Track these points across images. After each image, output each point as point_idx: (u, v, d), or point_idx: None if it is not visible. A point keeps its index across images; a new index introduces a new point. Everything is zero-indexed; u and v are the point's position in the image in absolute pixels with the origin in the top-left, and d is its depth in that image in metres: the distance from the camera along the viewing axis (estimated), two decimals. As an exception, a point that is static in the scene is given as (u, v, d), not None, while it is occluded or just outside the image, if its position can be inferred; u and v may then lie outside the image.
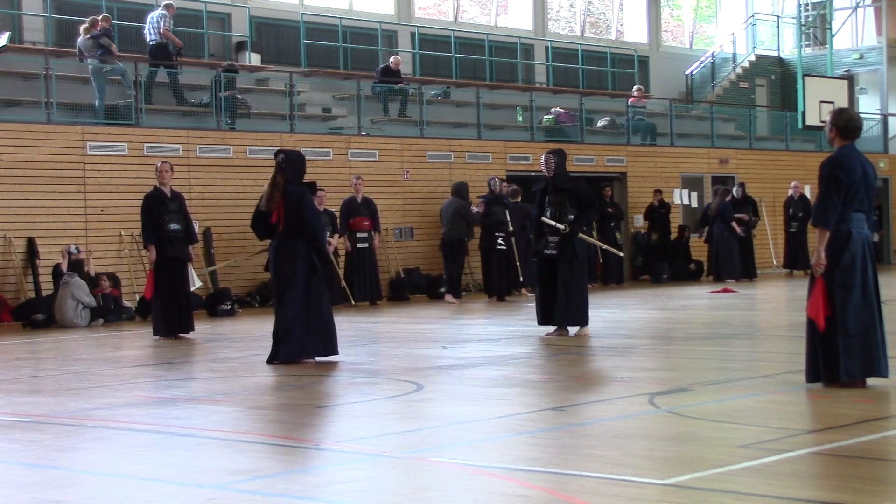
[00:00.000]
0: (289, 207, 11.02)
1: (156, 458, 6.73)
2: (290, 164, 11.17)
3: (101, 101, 19.07)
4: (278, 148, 11.59)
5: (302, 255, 11.00)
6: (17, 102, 18.78)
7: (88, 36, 19.51)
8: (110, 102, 19.32)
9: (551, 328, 13.22)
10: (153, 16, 20.80)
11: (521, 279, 21.18)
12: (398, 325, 16.10)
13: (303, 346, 11.08)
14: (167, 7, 20.87)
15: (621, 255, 19.60)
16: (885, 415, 7.80)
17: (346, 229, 19.77)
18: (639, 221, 25.75)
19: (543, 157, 13.26)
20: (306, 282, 10.98)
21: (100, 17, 19.87)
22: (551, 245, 12.96)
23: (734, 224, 24.18)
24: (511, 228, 20.42)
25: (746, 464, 6.02)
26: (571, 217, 12.94)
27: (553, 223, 12.93)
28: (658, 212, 25.24)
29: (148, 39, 20.76)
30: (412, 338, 14.10)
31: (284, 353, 11.09)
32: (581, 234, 13.12)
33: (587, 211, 13.21)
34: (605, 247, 17.67)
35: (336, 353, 11.27)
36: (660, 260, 24.99)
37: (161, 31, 20.51)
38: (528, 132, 25.17)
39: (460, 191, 20.82)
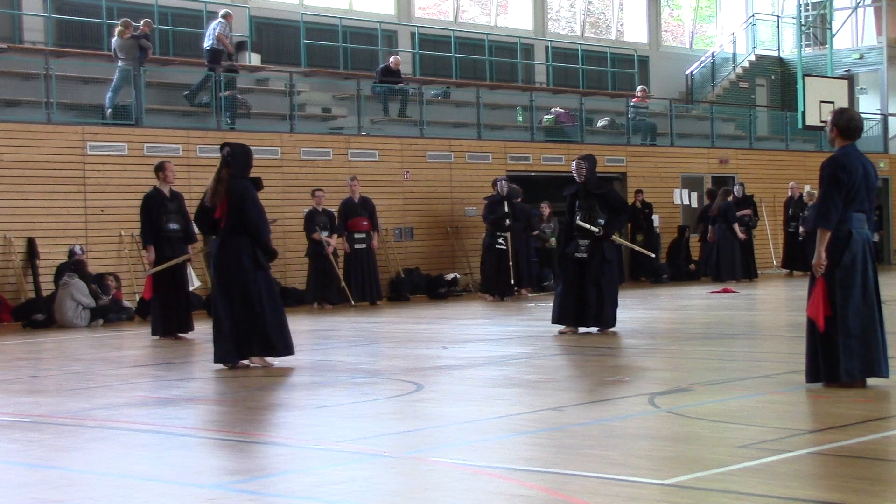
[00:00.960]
0: (232, 203, 10.69)
1: (156, 458, 6.72)
2: (235, 158, 10.82)
3: (112, 100, 19.24)
4: (223, 142, 11.17)
5: (246, 251, 10.73)
6: (17, 102, 18.79)
7: (129, 36, 19.76)
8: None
9: (563, 326, 13.41)
10: (212, 24, 21.51)
11: (521, 279, 21.22)
12: (398, 326, 16.10)
13: (231, 347, 10.74)
14: (226, 16, 21.57)
15: (653, 255, 19.87)
16: (885, 415, 7.80)
17: (343, 230, 19.76)
18: (654, 221, 25.72)
19: (574, 162, 13.49)
20: (249, 280, 10.73)
21: (142, 22, 20.31)
22: (581, 248, 13.26)
23: (736, 226, 24.18)
24: (509, 225, 20.30)
25: (746, 464, 6.02)
26: (601, 221, 13.24)
27: (587, 226, 13.22)
28: (642, 213, 25.18)
29: (205, 44, 21.32)
30: (412, 338, 14.10)
31: (218, 353, 10.85)
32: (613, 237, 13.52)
33: (619, 214, 13.56)
34: (637, 248, 17.86)
35: (284, 353, 10.91)
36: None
37: (216, 35, 21.07)
38: (528, 132, 25.17)
39: (513, 193, 21.33)
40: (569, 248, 13.40)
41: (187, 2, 22.84)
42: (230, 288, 10.77)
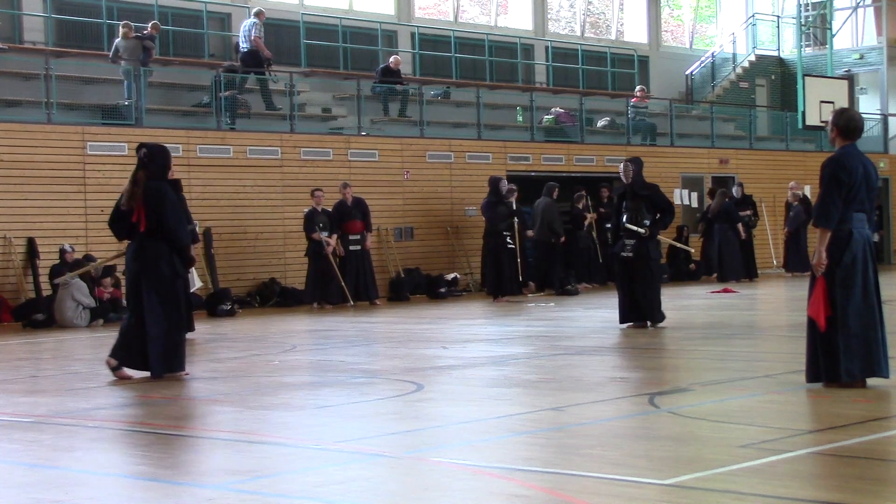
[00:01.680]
0: (149, 206, 10.16)
1: (156, 458, 6.72)
2: (152, 160, 10.29)
3: (131, 98, 19.44)
4: (139, 143, 10.59)
5: (164, 257, 10.19)
6: (17, 102, 18.79)
7: (133, 36, 19.83)
8: (110, 103, 19.34)
9: (628, 323, 13.96)
10: (246, 24, 21.61)
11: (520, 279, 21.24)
12: (398, 326, 16.10)
13: (140, 357, 10.19)
14: (258, 14, 21.68)
15: (692, 250, 20.26)
16: (885, 415, 7.80)
17: (338, 231, 19.70)
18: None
19: (622, 165, 14.15)
20: (166, 289, 10.16)
21: (150, 24, 20.51)
22: (627, 248, 13.84)
23: (740, 226, 24.17)
24: (514, 223, 20.31)
25: (746, 464, 6.02)
26: (647, 221, 13.79)
27: (634, 227, 13.78)
28: None
29: (240, 47, 21.53)
30: (412, 338, 14.09)
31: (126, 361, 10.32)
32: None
33: (665, 215, 14.05)
34: (679, 245, 18.24)
35: (169, 371, 10.20)
36: None
37: (252, 39, 21.20)
38: (528, 132, 25.17)
39: (550, 190, 21.85)
40: (615, 248, 14.08)
41: (187, 2, 22.84)
42: (144, 294, 10.15)
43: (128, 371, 10.20)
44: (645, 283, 13.79)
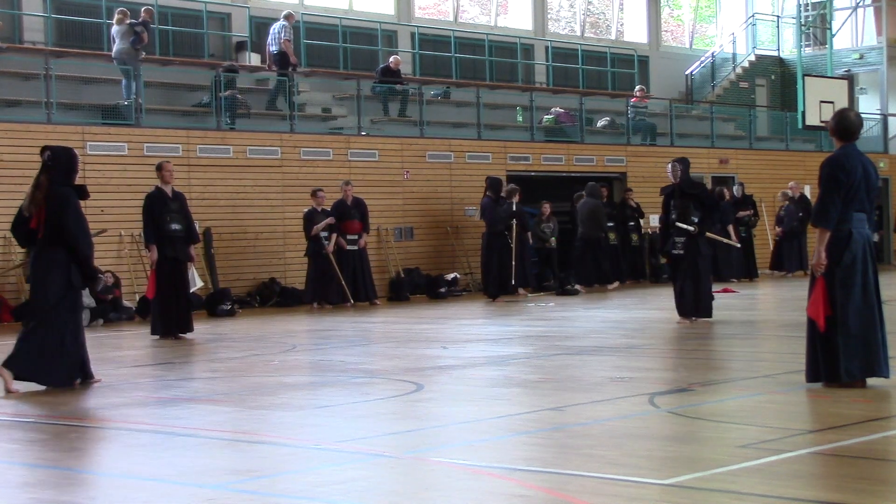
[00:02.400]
0: (51, 212, 9.61)
1: (156, 458, 6.72)
2: (57, 163, 9.73)
3: (131, 98, 19.51)
4: (43, 146, 9.99)
5: (60, 266, 9.63)
6: (17, 102, 18.79)
7: (128, 22, 20.01)
8: (110, 103, 19.34)
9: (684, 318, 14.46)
10: (275, 26, 21.97)
11: (522, 279, 21.25)
12: (398, 326, 16.10)
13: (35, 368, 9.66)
14: (287, 17, 22.09)
15: (738, 245, 20.94)
16: (885, 415, 7.80)
17: (337, 230, 19.67)
18: (654, 221, 25.68)
19: (670, 165, 14.67)
20: (54, 299, 9.62)
21: (142, 9, 20.58)
22: (678, 245, 14.34)
23: (731, 228, 24.17)
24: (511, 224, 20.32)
25: (746, 464, 6.02)
26: (695, 218, 14.26)
27: (684, 226, 14.25)
28: (635, 212, 25.10)
29: (270, 49, 21.88)
30: (412, 338, 14.09)
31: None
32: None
33: (712, 212, 14.81)
34: (726, 241, 18.63)
35: (55, 384, 9.68)
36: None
37: (282, 41, 21.60)
38: (528, 132, 25.17)
39: (594, 191, 22.34)
40: (667, 246, 14.63)
41: (187, 2, 22.83)
42: (36, 303, 9.79)
43: (16, 385, 9.59)
44: (694, 279, 14.27)
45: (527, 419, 7.76)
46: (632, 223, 24.46)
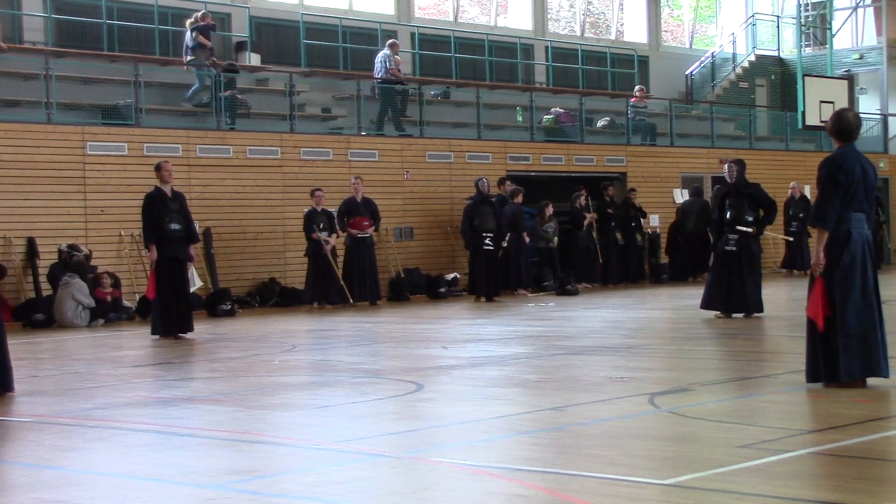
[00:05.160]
0: None
1: (156, 458, 6.72)
2: None
3: (196, 93, 20.17)
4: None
5: None
6: (17, 102, 18.78)
7: (194, 26, 20.58)
8: (110, 103, 19.34)
9: (716, 312, 14.93)
10: (380, 56, 22.81)
11: (521, 280, 21.25)
12: (398, 326, 16.10)
13: None
14: (391, 45, 22.89)
15: (790, 239, 22.09)
16: (885, 415, 7.80)
17: (344, 228, 19.70)
18: (654, 221, 25.72)
19: (726, 166, 15.27)
20: None
21: (199, 13, 20.98)
22: (731, 242, 14.80)
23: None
24: (492, 227, 20.28)
25: (746, 464, 6.02)
26: (749, 217, 14.80)
27: (743, 228, 14.77)
28: (637, 212, 25.09)
29: (376, 74, 22.66)
30: (412, 338, 14.10)
31: None
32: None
33: (769, 212, 15.11)
34: (781, 237, 18.95)
35: None
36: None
37: (390, 70, 22.50)
38: (528, 132, 25.16)
39: (699, 191, 24.46)
40: (720, 243, 14.97)
41: (187, 2, 22.83)
42: None
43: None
44: (747, 276, 14.70)
45: (527, 419, 7.76)
46: (633, 223, 24.48)
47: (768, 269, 26.99)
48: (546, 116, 25.88)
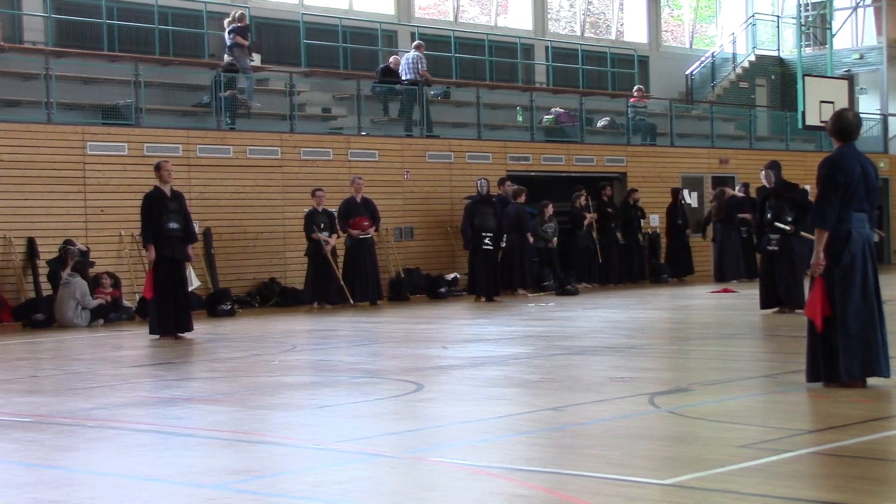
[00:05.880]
0: None
1: (156, 458, 6.72)
2: None
3: (249, 95, 20.57)
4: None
5: None
6: (17, 102, 18.79)
7: (231, 27, 20.89)
8: (110, 103, 19.34)
9: (769, 311, 15.45)
10: (409, 57, 23.25)
11: (524, 280, 21.24)
12: (398, 326, 16.10)
13: None
14: (417, 47, 23.33)
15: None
16: (885, 415, 7.80)
17: (345, 228, 19.69)
18: (654, 221, 25.72)
19: (763, 173, 15.69)
20: None
21: (237, 13, 21.22)
22: (773, 242, 15.35)
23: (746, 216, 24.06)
24: (490, 227, 20.29)
25: (746, 464, 6.02)
26: (789, 218, 15.28)
27: (781, 225, 15.27)
28: (637, 212, 25.11)
29: (403, 76, 23.05)
30: (412, 338, 14.10)
31: None
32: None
33: (807, 213, 15.11)
34: (808, 236, 19.55)
35: None
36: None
37: (420, 72, 23.18)
38: (528, 132, 25.17)
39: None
40: (762, 243, 15.55)
41: (187, 2, 22.83)
42: None
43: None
44: (788, 274, 15.24)
45: (527, 419, 7.76)
46: (634, 223, 24.48)
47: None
48: (546, 116, 25.88)
